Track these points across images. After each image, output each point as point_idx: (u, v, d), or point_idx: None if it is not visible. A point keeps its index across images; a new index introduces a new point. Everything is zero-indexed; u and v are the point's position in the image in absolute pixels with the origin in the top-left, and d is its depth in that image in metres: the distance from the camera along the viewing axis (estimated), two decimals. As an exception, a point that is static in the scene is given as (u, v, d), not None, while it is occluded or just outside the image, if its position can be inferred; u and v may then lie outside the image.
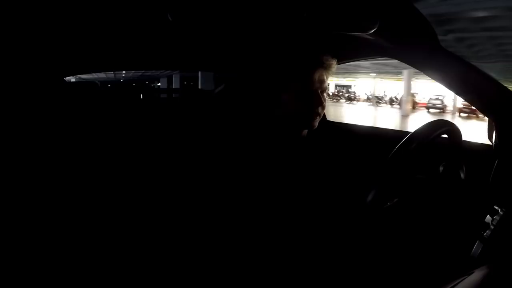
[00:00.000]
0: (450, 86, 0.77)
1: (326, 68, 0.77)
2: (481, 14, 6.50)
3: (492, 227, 0.60)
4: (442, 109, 18.17)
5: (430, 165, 0.79)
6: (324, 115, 1.41)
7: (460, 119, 14.24)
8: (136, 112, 1.24)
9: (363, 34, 0.78)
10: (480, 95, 0.72)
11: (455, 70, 0.75)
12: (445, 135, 0.76)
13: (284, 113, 0.79)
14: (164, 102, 1.95)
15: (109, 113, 1.17)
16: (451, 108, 17.76)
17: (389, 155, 0.76)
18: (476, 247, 0.61)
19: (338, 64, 1.11)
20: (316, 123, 0.79)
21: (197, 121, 1.16)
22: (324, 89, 0.78)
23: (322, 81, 0.77)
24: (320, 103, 0.76)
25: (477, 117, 13.58)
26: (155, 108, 1.34)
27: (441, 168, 0.78)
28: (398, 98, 20.00)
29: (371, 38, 0.81)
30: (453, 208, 0.84)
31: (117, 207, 1.01)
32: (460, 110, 15.86)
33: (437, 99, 18.57)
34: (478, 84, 0.71)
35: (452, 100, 17.87)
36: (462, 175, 0.77)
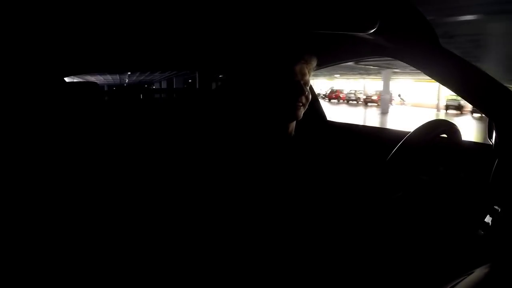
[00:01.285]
0: (450, 86, 0.77)
1: (306, 62, 0.83)
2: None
3: (492, 227, 0.60)
4: (356, 100, 24.38)
5: (429, 165, 0.79)
6: (324, 115, 1.41)
7: (365, 106, 21.38)
8: (138, 109, 1.38)
9: (363, 34, 0.78)
10: (480, 95, 0.72)
11: (455, 70, 0.75)
12: (445, 135, 0.76)
13: (269, 104, 0.82)
14: (160, 102, 2.20)
15: (116, 109, 1.31)
16: (362, 100, 24.51)
17: (389, 155, 0.76)
18: (476, 247, 0.61)
19: (338, 64, 1.11)
20: (301, 114, 0.82)
21: (186, 118, 1.23)
22: (306, 82, 0.83)
23: (303, 74, 0.82)
24: (302, 93, 0.80)
25: (378, 105, 19.57)
26: (152, 105, 1.49)
27: (440, 168, 0.78)
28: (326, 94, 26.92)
29: (371, 38, 0.82)
30: (453, 208, 0.84)
31: (116, 205, 1.01)
32: (365, 101, 22.54)
33: (352, 93, 24.89)
34: (478, 84, 0.71)
35: (362, 92, 25.10)
36: (462, 175, 0.77)
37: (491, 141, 0.73)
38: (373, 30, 0.73)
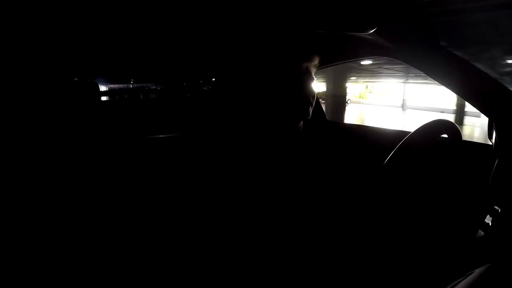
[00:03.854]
0: (450, 86, 0.77)
1: (310, 60, 0.82)
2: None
3: (492, 227, 0.60)
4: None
5: (430, 165, 0.79)
6: (324, 115, 1.41)
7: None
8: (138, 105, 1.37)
9: (363, 34, 0.78)
10: (480, 95, 0.72)
11: (455, 70, 0.74)
12: (445, 135, 0.76)
13: (279, 105, 0.81)
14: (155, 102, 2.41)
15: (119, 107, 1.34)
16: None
17: (389, 155, 0.76)
18: (476, 247, 0.61)
19: (338, 64, 1.11)
20: (310, 112, 0.82)
21: (193, 118, 1.22)
22: (312, 79, 0.83)
23: (309, 72, 0.82)
24: (310, 92, 0.81)
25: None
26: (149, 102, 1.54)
27: (441, 168, 0.78)
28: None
29: (371, 38, 0.82)
30: (453, 208, 0.84)
31: (118, 206, 1.01)
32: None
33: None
34: (478, 84, 0.71)
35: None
36: (462, 175, 0.77)
37: (491, 141, 0.73)
38: (373, 30, 0.73)
